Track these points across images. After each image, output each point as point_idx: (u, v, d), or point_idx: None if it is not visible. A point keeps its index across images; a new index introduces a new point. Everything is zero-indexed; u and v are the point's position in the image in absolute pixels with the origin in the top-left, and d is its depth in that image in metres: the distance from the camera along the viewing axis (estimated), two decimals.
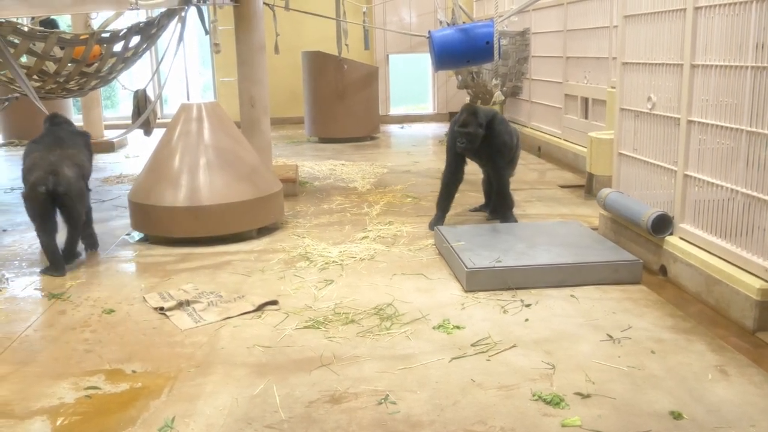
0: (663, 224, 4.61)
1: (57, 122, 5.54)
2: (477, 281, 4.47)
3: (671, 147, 4.58)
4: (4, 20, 5.31)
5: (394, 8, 13.71)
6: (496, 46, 6.58)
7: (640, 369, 3.39)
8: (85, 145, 5.50)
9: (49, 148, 5.16)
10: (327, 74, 11.28)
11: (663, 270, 4.66)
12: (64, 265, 5.10)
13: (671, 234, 4.61)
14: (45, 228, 5.04)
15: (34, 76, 5.96)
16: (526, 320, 4.00)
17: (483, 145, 5.69)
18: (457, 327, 3.92)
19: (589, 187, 7.03)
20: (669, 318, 3.99)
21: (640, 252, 4.85)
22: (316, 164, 9.31)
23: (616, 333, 3.79)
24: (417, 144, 11.27)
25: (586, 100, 8.35)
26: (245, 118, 7.06)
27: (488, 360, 3.52)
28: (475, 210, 6.46)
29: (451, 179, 5.88)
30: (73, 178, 5.07)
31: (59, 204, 5.04)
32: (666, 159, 4.66)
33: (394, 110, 14.47)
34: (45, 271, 5.09)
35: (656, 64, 4.72)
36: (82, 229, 5.36)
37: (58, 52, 5.76)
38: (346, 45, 11.00)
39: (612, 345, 3.67)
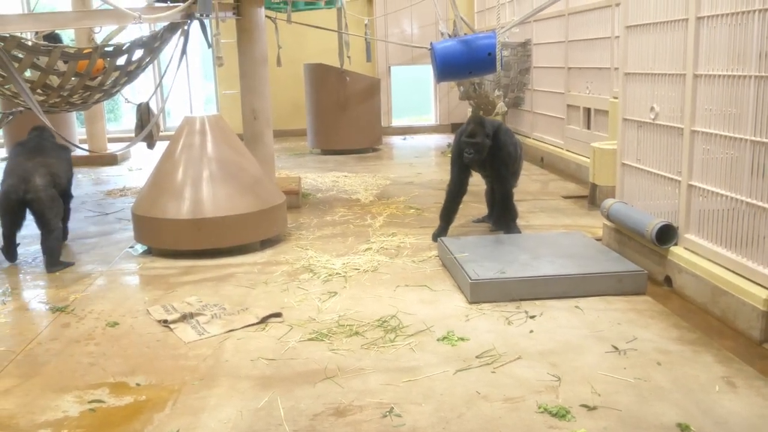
0: (667, 234, 4.60)
1: (40, 132, 5.98)
2: (481, 293, 4.45)
3: (675, 157, 4.57)
4: (8, 35, 5.32)
5: (396, 20, 13.76)
6: (498, 57, 6.59)
7: (646, 380, 3.37)
8: (65, 157, 5.95)
9: (28, 156, 5.64)
10: (329, 86, 11.30)
11: (668, 281, 4.65)
12: (14, 256, 5.72)
13: (676, 244, 4.59)
14: (10, 224, 5.64)
15: (38, 90, 5.97)
16: (531, 332, 3.99)
17: (488, 155, 5.69)
18: (462, 339, 3.91)
19: (592, 198, 7.02)
20: (674, 329, 3.97)
21: (644, 263, 4.84)
22: (319, 176, 9.32)
23: (621, 344, 3.78)
24: (419, 155, 11.27)
25: (588, 111, 8.36)
26: (248, 131, 7.07)
27: (493, 372, 3.50)
28: (478, 221, 6.46)
29: (456, 191, 5.86)
30: (42, 186, 5.47)
31: (30, 209, 5.52)
32: (670, 169, 4.65)
33: (397, 122, 14.50)
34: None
35: (659, 74, 4.72)
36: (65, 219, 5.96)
37: (61, 66, 5.77)
38: (348, 57, 11.03)
39: (617, 356, 3.65)
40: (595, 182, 6.91)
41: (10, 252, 5.73)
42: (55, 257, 5.53)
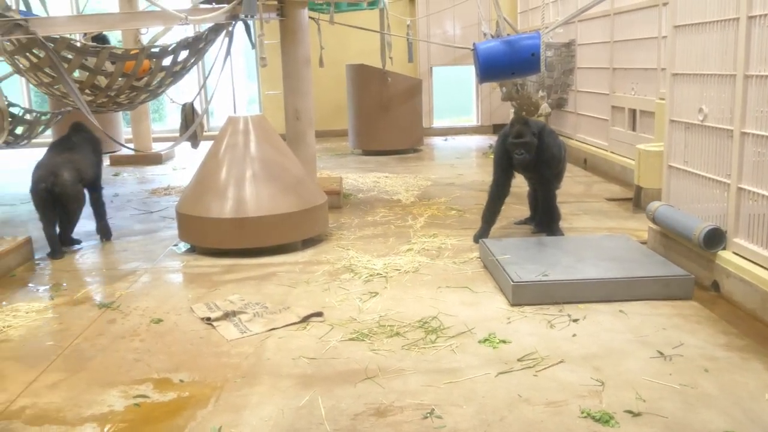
0: (715, 238, 4.50)
1: (77, 130, 6.34)
2: (523, 295, 4.42)
3: (724, 159, 4.48)
4: (58, 36, 5.44)
5: (438, 21, 13.73)
6: (542, 57, 6.54)
7: (692, 387, 3.30)
8: (93, 151, 6.29)
9: (59, 151, 6.08)
10: (371, 87, 11.32)
11: (715, 286, 4.55)
12: (61, 250, 5.96)
13: (724, 249, 4.50)
14: (45, 218, 5.90)
15: (86, 91, 6.10)
16: (574, 335, 3.94)
17: (533, 157, 5.65)
18: (503, 341, 3.88)
19: (637, 200, 6.92)
20: (722, 335, 3.89)
21: (691, 267, 4.74)
22: (360, 176, 9.34)
23: (666, 350, 3.71)
24: (461, 156, 11.23)
25: (633, 112, 8.23)
26: (290, 131, 7.12)
27: (535, 375, 3.47)
28: (521, 223, 6.40)
29: (499, 193, 5.82)
30: (69, 180, 5.87)
31: (57, 201, 5.86)
32: (718, 172, 4.56)
33: (438, 123, 14.46)
34: (48, 255, 5.91)
35: (708, 74, 4.63)
36: (98, 220, 6.38)
37: (109, 66, 5.88)
38: (390, 58, 11.04)
39: (663, 362, 3.59)
40: (640, 185, 6.80)
41: (53, 247, 5.94)
42: (70, 239, 6.17)
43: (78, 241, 6.28)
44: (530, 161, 5.63)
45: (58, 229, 6.02)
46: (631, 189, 7.33)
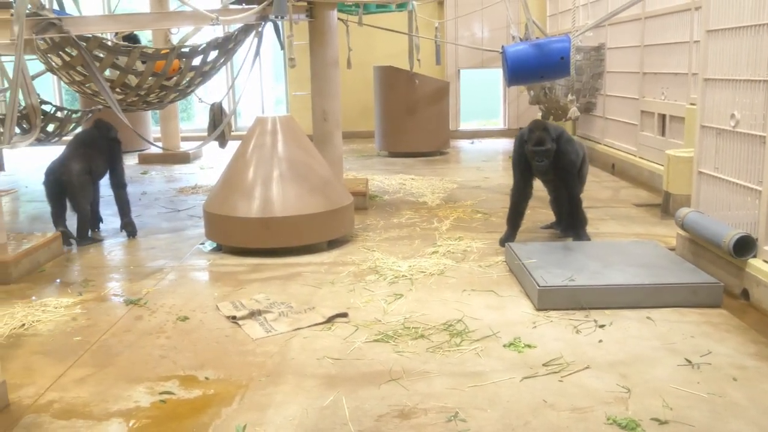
0: (746, 246, 4.44)
1: (98, 126, 6.59)
2: (549, 300, 4.39)
3: (755, 166, 4.42)
4: (90, 36, 5.50)
5: (466, 23, 13.69)
6: (571, 61, 6.49)
7: (721, 396, 3.26)
8: (107, 148, 6.50)
9: (75, 145, 6.41)
10: (398, 89, 11.32)
11: (745, 294, 4.49)
12: (69, 238, 6.22)
13: (755, 257, 4.43)
14: (54, 206, 6.31)
15: (117, 89, 6.16)
16: (600, 341, 3.91)
17: (550, 163, 5.61)
18: (528, 346, 3.86)
19: (665, 206, 6.85)
20: (752, 344, 3.83)
21: (720, 274, 4.68)
22: (386, 178, 9.35)
23: (694, 358, 3.67)
24: (487, 159, 11.19)
25: (663, 117, 8.15)
26: (317, 132, 7.14)
27: (560, 381, 3.45)
28: (546, 227, 6.37)
29: (521, 196, 5.79)
30: (76, 171, 6.19)
31: (64, 190, 6.23)
32: (750, 179, 4.49)
33: (464, 125, 14.42)
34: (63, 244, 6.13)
35: (741, 80, 4.57)
36: (122, 217, 6.55)
37: (139, 66, 5.94)
38: (418, 60, 11.04)
39: (690, 370, 3.54)
40: (668, 190, 6.73)
41: (64, 234, 6.19)
42: (82, 234, 6.30)
43: (93, 239, 6.42)
44: (548, 167, 5.62)
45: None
46: (659, 195, 7.25)
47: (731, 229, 4.56)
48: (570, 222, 5.93)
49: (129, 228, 6.57)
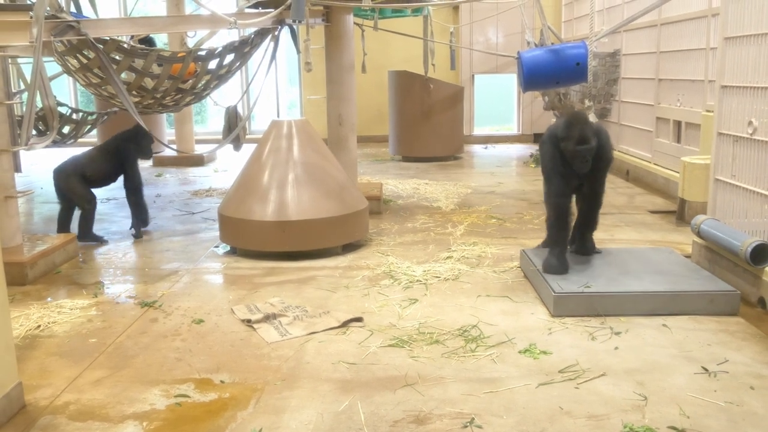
0: (763, 254, 4.41)
1: (118, 136, 6.79)
2: (565, 306, 4.37)
3: None
4: (108, 38, 5.54)
5: (481, 28, 13.69)
6: (587, 67, 6.47)
7: (738, 405, 3.24)
8: (116, 153, 6.66)
9: (89, 152, 6.76)
10: (413, 93, 11.33)
11: (762, 302, 4.45)
12: (64, 230, 6.55)
13: None
14: (60, 203, 6.67)
15: (134, 92, 6.20)
16: (616, 348, 3.89)
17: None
18: (544, 352, 3.84)
19: (681, 213, 6.81)
20: None
21: (736, 282, 4.65)
22: (400, 183, 9.35)
23: (711, 366, 3.64)
24: (501, 165, 11.17)
25: (678, 124, 8.11)
26: (333, 136, 7.15)
27: (576, 388, 3.43)
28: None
29: (568, 204, 4.87)
30: (67, 174, 6.49)
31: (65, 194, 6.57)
32: (767, 186, 4.47)
33: (478, 130, 14.41)
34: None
35: (759, 87, 4.54)
36: (132, 218, 6.76)
37: (156, 69, 5.97)
38: (433, 65, 11.05)
39: (707, 378, 3.52)
40: (684, 197, 6.70)
41: (60, 226, 6.62)
42: (82, 232, 6.47)
43: (99, 238, 6.57)
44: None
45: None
46: (674, 201, 7.22)
47: (748, 236, 4.53)
48: (585, 232, 5.20)
49: (135, 229, 6.71)
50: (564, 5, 12.98)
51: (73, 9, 7.22)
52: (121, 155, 6.63)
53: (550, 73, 6.66)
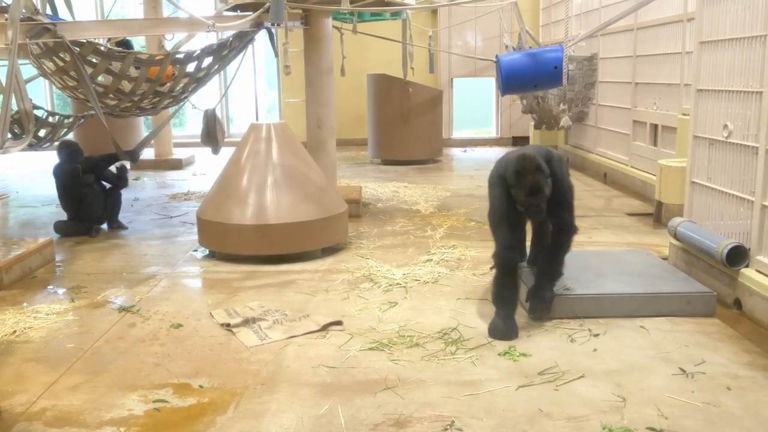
0: (738, 256, 4.46)
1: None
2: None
3: (749, 176, 4.44)
4: (85, 41, 5.49)
5: (460, 32, 13.75)
6: (564, 71, 6.53)
7: (715, 405, 3.27)
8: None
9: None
10: (392, 97, 11.34)
11: (737, 303, 4.51)
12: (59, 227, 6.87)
13: (747, 266, 4.45)
14: (68, 202, 6.92)
15: (111, 95, 6.15)
16: (595, 350, 3.91)
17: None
18: (524, 354, 3.86)
19: (658, 216, 6.88)
20: (745, 354, 3.85)
21: (713, 284, 4.70)
22: (380, 186, 9.35)
23: (689, 367, 3.68)
24: (480, 168, 11.19)
25: (655, 127, 8.19)
26: (312, 139, 7.14)
27: (556, 389, 3.45)
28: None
29: (514, 259, 4.24)
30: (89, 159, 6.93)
31: None
32: (743, 189, 4.52)
33: (457, 134, 14.45)
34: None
35: (734, 91, 4.60)
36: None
37: (133, 72, 5.93)
38: (412, 68, 11.07)
39: (685, 379, 3.55)
40: (661, 200, 6.77)
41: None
42: (116, 214, 7.08)
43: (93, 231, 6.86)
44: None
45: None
46: (651, 204, 7.29)
47: (724, 238, 4.58)
48: (546, 272, 4.39)
49: (108, 224, 7.11)
50: (542, 9, 13.06)
51: (49, 11, 7.16)
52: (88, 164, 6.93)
53: (528, 76, 6.72)
